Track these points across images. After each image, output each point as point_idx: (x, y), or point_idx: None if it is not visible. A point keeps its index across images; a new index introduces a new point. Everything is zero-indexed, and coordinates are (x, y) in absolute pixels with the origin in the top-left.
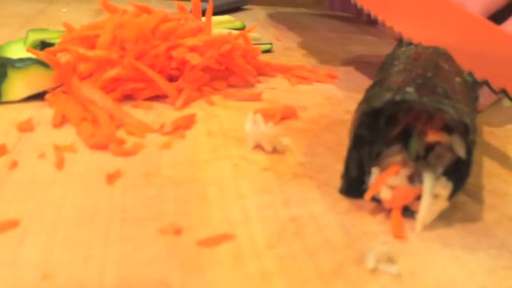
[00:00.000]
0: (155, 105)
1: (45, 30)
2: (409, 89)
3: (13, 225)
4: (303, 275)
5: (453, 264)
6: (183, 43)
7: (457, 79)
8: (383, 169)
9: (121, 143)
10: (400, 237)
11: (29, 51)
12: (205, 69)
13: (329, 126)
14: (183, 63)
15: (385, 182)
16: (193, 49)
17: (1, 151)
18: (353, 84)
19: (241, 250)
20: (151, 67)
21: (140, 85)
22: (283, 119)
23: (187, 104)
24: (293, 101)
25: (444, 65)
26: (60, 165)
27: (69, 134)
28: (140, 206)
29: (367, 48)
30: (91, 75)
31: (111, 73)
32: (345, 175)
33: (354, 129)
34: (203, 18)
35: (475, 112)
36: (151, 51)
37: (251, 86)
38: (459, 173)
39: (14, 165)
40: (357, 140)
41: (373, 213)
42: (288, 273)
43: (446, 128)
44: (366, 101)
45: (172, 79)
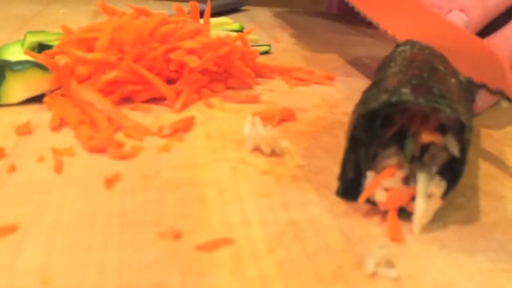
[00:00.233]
0: (153, 107)
1: (43, 32)
2: (405, 90)
3: (12, 230)
4: (302, 278)
5: (451, 267)
6: (181, 46)
7: (452, 80)
8: (379, 171)
9: (120, 146)
10: (397, 240)
11: (27, 53)
12: (203, 71)
13: (327, 128)
14: (182, 65)
15: (380, 184)
16: (191, 52)
17: (0, 155)
18: (351, 86)
19: (240, 254)
20: (149, 69)
21: (138, 87)
22: (282, 121)
23: (185, 106)
24: (292, 103)
25: (439, 67)
26: (58, 168)
27: (67, 137)
28: (139, 209)
29: (365, 49)
30: (89, 77)
31: (109, 75)
32: (342, 177)
33: (350, 131)
34: (201, 20)
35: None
36: (149, 53)
37: (250, 88)
38: (453, 171)
39: (12, 168)
40: (354, 141)
41: (371, 215)
42: (287, 277)
43: (440, 128)
44: (362, 102)
45: (170, 81)
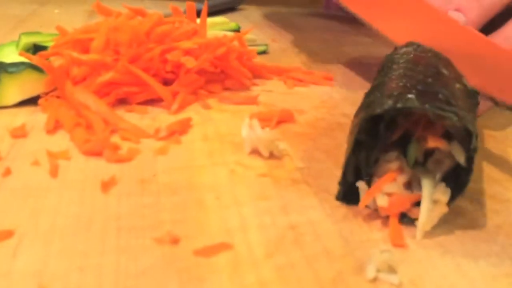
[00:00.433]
0: (149, 109)
1: (38, 33)
2: (410, 95)
3: (8, 235)
4: (302, 284)
5: (453, 272)
6: (178, 46)
7: (457, 85)
8: (380, 176)
9: (116, 149)
10: (399, 245)
11: (21, 55)
12: (200, 72)
13: (326, 130)
14: (178, 66)
15: (381, 189)
16: (188, 52)
17: None
18: (350, 86)
19: (239, 259)
20: (146, 70)
21: (134, 89)
22: (280, 123)
23: (182, 108)
24: (290, 104)
25: (444, 71)
26: (54, 172)
27: (63, 139)
28: (135, 214)
29: (363, 49)
30: (84, 79)
31: (105, 77)
32: (342, 181)
33: (354, 135)
34: (198, 19)
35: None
36: (146, 54)
37: (247, 89)
38: (458, 178)
39: (7, 172)
40: (356, 145)
41: (371, 219)
42: (286, 282)
43: (446, 133)
44: (366, 106)
45: (167, 82)
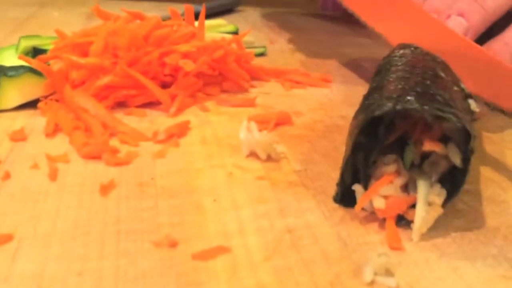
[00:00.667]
0: (148, 112)
1: (37, 36)
2: (410, 97)
3: (7, 239)
4: (299, 287)
5: (450, 275)
6: (176, 49)
7: (455, 88)
8: (377, 178)
9: (115, 152)
10: (396, 248)
11: (21, 58)
12: (198, 74)
13: (324, 132)
14: (176, 69)
15: (378, 192)
16: (186, 55)
17: None
18: (348, 88)
19: (237, 263)
20: (144, 74)
21: (133, 92)
22: (278, 125)
23: (180, 110)
24: (288, 106)
25: (441, 74)
26: (53, 176)
27: (62, 143)
28: (134, 217)
29: (360, 50)
30: (83, 82)
31: (104, 80)
32: (340, 184)
33: (353, 138)
34: (196, 22)
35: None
36: (144, 57)
37: (245, 91)
38: (454, 180)
39: (7, 176)
40: (355, 147)
41: (369, 222)
42: (284, 285)
43: (442, 137)
44: (365, 109)
45: (165, 85)
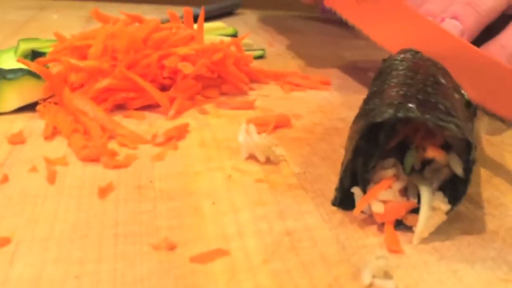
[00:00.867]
0: (147, 114)
1: (36, 39)
2: (411, 105)
3: (5, 242)
4: None
5: (449, 278)
6: (175, 52)
7: (456, 95)
8: (376, 182)
9: (113, 155)
10: (395, 251)
11: (20, 61)
12: (197, 77)
13: (323, 135)
14: (175, 72)
15: (376, 196)
16: (185, 58)
17: None
18: (347, 90)
19: (235, 266)
20: (143, 76)
21: (132, 94)
22: (277, 128)
23: (179, 113)
24: (287, 109)
25: (442, 80)
26: (51, 179)
27: (60, 146)
28: (133, 220)
29: (359, 53)
30: (82, 85)
31: (103, 83)
32: (339, 187)
33: (354, 143)
34: (195, 24)
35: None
36: (143, 60)
37: (244, 93)
38: (455, 187)
39: (5, 179)
40: (355, 151)
41: (368, 225)
42: None
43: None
44: (366, 114)
45: (164, 88)
